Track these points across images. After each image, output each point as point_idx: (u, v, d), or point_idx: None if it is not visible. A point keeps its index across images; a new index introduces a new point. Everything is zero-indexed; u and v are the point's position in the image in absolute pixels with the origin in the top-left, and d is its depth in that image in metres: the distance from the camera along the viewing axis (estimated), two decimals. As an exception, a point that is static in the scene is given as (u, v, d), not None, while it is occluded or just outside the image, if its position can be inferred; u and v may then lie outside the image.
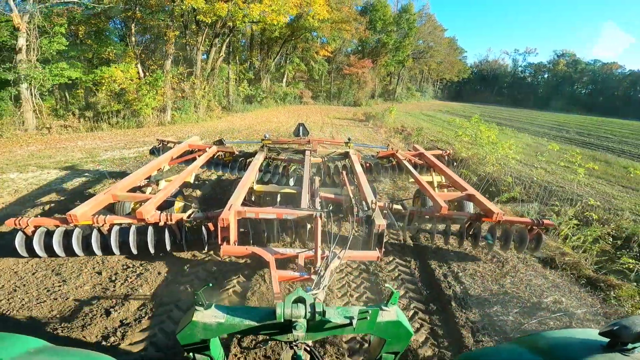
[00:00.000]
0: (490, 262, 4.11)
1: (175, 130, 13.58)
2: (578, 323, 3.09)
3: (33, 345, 1.05)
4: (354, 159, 5.46)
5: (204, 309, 1.46)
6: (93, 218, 3.40)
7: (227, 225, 3.18)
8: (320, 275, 2.24)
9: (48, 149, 9.52)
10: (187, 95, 16.71)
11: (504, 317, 3.10)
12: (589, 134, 22.23)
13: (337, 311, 1.45)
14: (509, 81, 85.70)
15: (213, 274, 3.60)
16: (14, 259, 3.60)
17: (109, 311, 2.91)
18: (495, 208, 3.81)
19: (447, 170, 5.12)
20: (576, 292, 3.62)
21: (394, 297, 1.50)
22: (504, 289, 3.55)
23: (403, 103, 42.85)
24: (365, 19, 33.75)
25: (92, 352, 1.18)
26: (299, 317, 1.39)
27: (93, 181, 6.60)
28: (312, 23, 22.07)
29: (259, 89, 26.67)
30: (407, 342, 1.61)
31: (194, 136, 6.49)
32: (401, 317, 1.52)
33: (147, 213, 3.40)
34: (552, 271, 4.06)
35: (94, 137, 11.47)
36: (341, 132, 15.00)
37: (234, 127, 14.94)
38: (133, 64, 15.04)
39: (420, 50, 49.65)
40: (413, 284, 3.62)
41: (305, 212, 3.39)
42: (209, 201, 5.65)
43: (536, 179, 7.87)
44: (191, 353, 1.56)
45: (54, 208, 5.16)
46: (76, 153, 9.02)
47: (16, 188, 5.98)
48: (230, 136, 12.41)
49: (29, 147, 9.62)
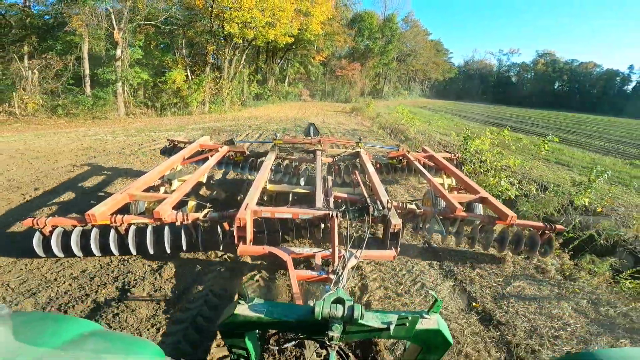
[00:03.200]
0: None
1: (212, 117, 19.58)
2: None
3: (87, 329, 1.06)
4: (365, 159, 5.47)
5: (246, 303, 1.51)
6: (110, 218, 3.42)
7: (243, 224, 3.19)
8: (338, 275, 2.35)
9: (150, 124, 15.59)
10: (218, 93, 22.86)
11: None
12: (524, 122, 28.53)
13: (375, 315, 1.47)
14: (494, 80, 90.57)
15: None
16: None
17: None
18: (509, 211, 3.78)
19: (458, 173, 5.11)
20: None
21: (436, 306, 1.47)
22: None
23: (390, 100, 48.64)
24: (354, 29, 40.08)
25: (141, 339, 1.22)
26: (337, 317, 1.40)
27: (197, 137, 12.62)
28: (309, 37, 28.35)
29: (266, 88, 32.72)
30: (445, 351, 1.56)
31: (204, 136, 6.53)
32: (442, 326, 1.48)
33: (164, 213, 3.42)
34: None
35: (167, 120, 17.52)
36: (331, 118, 21.19)
37: (254, 116, 20.96)
38: (183, 69, 21.15)
39: (405, 53, 55.96)
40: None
41: (321, 211, 3.42)
42: (214, 201, 5.63)
43: (435, 138, 14.01)
44: (229, 344, 1.62)
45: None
46: (172, 127, 15.08)
47: (155, 138, 12.07)
48: (253, 122, 18.39)
49: (135, 124, 15.65)
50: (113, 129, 13.58)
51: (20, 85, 16.32)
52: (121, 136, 11.89)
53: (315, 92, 41.97)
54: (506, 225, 3.79)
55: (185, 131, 13.71)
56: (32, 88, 16.52)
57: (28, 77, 16.54)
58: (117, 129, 13.62)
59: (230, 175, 7.32)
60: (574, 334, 2.91)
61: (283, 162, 5.77)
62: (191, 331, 2.72)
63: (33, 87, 16.56)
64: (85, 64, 17.38)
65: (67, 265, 3.57)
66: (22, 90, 16.31)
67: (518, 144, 9.17)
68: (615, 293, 3.52)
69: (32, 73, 16.62)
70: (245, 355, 1.63)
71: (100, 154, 8.87)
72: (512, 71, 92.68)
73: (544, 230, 3.76)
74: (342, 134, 14.46)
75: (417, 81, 73.39)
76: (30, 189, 5.96)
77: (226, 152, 5.78)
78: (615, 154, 14.18)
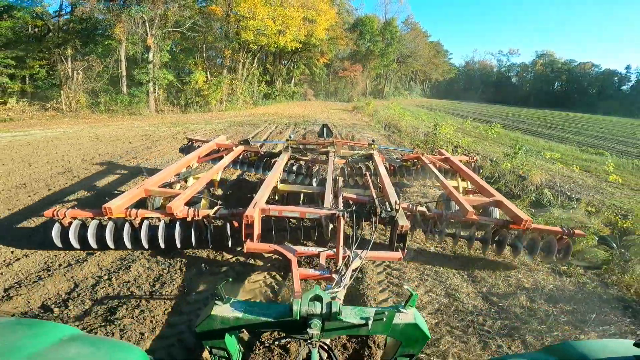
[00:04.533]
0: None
1: (230, 114, 22.17)
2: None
3: (67, 333, 1.05)
4: (377, 161, 5.54)
5: (222, 304, 1.51)
6: (126, 212, 3.53)
7: (251, 222, 3.26)
8: (341, 274, 2.36)
9: (180, 119, 18.23)
10: (233, 93, 25.51)
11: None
12: (512, 120, 30.99)
13: (353, 311, 1.50)
14: (494, 80, 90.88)
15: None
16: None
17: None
18: (524, 215, 3.73)
19: (474, 176, 5.08)
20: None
21: (412, 300, 1.50)
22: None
23: (390, 100, 51.05)
24: (356, 32, 42.68)
25: (124, 343, 1.19)
26: (315, 315, 1.44)
27: (225, 128, 15.19)
28: (314, 42, 31.03)
29: (274, 88, 35.33)
30: (423, 345, 1.59)
31: (221, 135, 6.60)
32: (419, 319, 1.51)
33: (177, 208, 3.50)
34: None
35: (192, 116, 20.13)
36: (334, 115, 23.78)
37: (266, 113, 23.52)
38: (203, 72, 23.81)
39: (405, 55, 58.43)
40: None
41: (328, 211, 3.48)
42: (227, 198, 5.71)
43: (421, 129, 16.51)
44: (208, 346, 1.61)
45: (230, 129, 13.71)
46: (200, 121, 17.67)
47: (192, 129, 14.64)
48: (267, 118, 20.92)
49: (168, 119, 18.25)
50: (152, 123, 16.21)
51: (66, 85, 18.99)
52: (163, 127, 14.50)
53: (319, 92, 44.66)
54: (521, 230, 3.74)
55: (212, 124, 16.31)
56: (76, 87, 19.18)
57: (74, 77, 19.21)
58: (155, 123, 16.25)
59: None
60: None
61: (296, 162, 5.87)
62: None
63: (77, 86, 19.22)
64: (122, 66, 20.04)
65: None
66: (68, 89, 18.98)
67: (475, 130, 11.68)
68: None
69: (77, 74, 19.28)
70: (226, 356, 1.63)
71: (159, 139, 11.49)
72: (512, 72, 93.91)
73: (562, 235, 3.70)
74: (343, 127, 17.02)
75: (418, 81, 75.65)
76: (129, 157, 8.64)
77: (241, 151, 5.94)
78: (575, 143, 16.65)
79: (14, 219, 4.59)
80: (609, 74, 77.31)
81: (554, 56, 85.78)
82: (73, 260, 3.61)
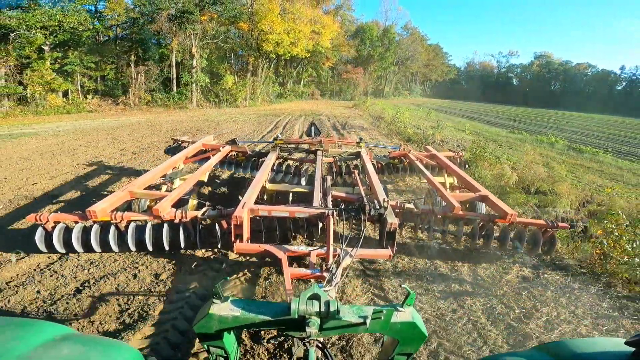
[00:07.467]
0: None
1: (252, 109, 27.92)
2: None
3: (59, 333, 1.05)
4: (365, 159, 5.57)
5: (220, 302, 1.50)
6: (111, 215, 3.48)
7: (240, 222, 3.24)
8: (332, 273, 2.38)
9: (218, 112, 24.09)
10: (254, 92, 31.57)
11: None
12: (500, 117, 36.00)
13: (351, 310, 1.48)
14: (493, 81, 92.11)
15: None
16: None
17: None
18: (509, 210, 3.80)
19: (459, 172, 5.15)
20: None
21: (410, 298, 1.50)
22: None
23: (390, 99, 55.95)
24: (357, 38, 48.60)
25: (117, 342, 1.19)
26: (313, 313, 1.43)
27: (260, 120, 20.93)
28: (321, 50, 37.05)
29: (286, 88, 41.30)
30: (421, 344, 1.59)
31: (207, 136, 6.62)
32: (416, 318, 1.52)
33: (164, 210, 3.47)
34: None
35: (225, 110, 25.96)
36: (336, 110, 29.54)
37: (281, 109, 29.23)
38: (231, 75, 29.87)
39: (405, 57, 63.60)
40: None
41: (317, 210, 3.47)
42: (215, 199, 5.69)
43: (401, 119, 22.00)
44: (206, 344, 1.61)
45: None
46: (234, 113, 23.47)
47: (236, 119, 20.46)
48: (283, 112, 26.43)
49: (208, 112, 24.09)
50: (200, 113, 22.07)
51: (132, 84, 25.04)
52: (212, 115, 20.33)
53: (325, 92, 50.67)
54: (507, 224, 3.82)
55: (244, 115, 22.12)
56: (139, 86, 25.21)
57: (138, 78, 25.26)
58: (204, 113, 22.09)
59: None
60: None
61: (284, 162, 5.88)
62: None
63: (140, 86, 25.25)
64: (173, 70, 26.09)
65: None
66: (134, 88, 25.03)
67: (429, 116, 17.36)
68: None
69: (140, 75, 25.33)
70: (224, 355, 1.64)
71: (217, 121, 17.27)
72: (512, 72, 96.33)
73: (546, 228, 3.82)
74: (342, 117, 22.64)
75: (418, 82, 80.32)
76: (197, 132, 14.39)
77: (228, 152, 5.88)
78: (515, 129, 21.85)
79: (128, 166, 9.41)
80: (604, 74, 79.14)
81: (551, 57, 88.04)
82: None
